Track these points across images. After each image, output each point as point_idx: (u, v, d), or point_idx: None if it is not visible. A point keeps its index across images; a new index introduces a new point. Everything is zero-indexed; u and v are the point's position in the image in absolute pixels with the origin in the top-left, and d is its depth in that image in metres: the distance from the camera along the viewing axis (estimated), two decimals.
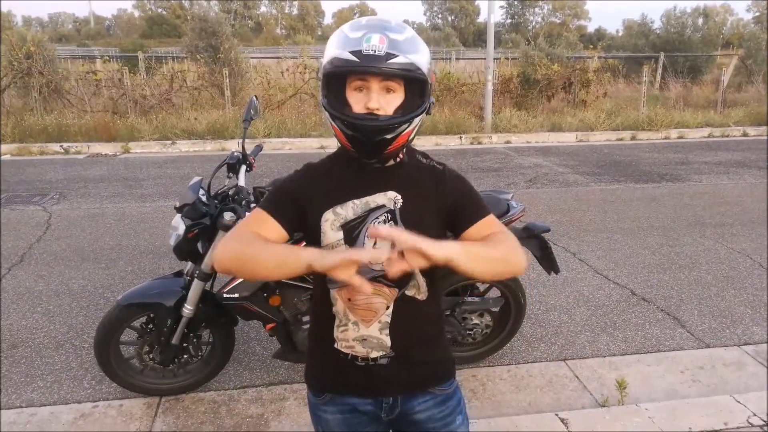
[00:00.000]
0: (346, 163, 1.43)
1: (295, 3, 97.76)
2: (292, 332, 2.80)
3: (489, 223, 1.45)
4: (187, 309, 2.76)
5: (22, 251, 5.08)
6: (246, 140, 3.04)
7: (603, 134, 11.83)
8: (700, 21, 19.68)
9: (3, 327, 3.72)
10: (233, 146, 10.00)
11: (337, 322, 1.45)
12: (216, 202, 2.75)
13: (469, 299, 3.19)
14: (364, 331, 1.42)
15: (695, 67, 17.40)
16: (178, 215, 2.70)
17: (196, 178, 2.81)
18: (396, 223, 1.39)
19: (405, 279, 1.39)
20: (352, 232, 1.38)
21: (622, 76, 17.21)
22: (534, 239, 3.18)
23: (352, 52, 1.27)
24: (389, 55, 1.27)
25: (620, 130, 12.03)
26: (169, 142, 10.43)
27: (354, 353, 1.44)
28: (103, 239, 5.42)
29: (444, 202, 1.44)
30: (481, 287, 3.31)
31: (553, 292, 4.30)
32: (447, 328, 3.14)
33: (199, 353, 3.00)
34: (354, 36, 1.29)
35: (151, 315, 2.87)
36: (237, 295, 2.71)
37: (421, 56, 1.32)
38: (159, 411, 2.92)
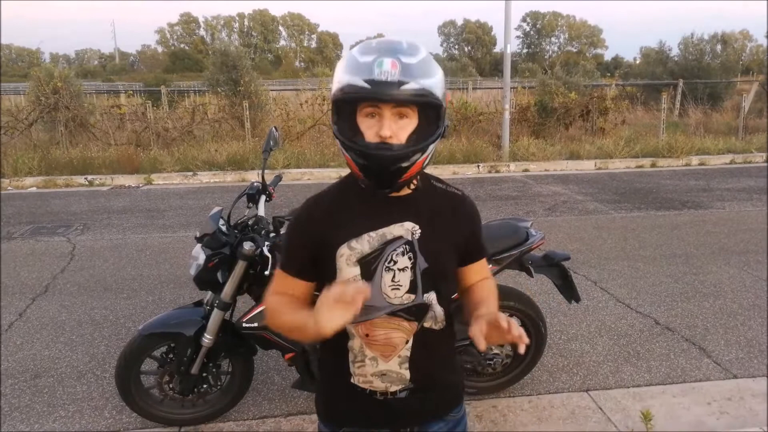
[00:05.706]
0: (358, 192, 1.37)
1: (314, 36, 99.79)
2: (310, 362, 2.79)
3: (484, 264, 1.50)
4: (207, 338, 2.76)
5: (47, 282, 5.16)
6: (266, 171, 3.08)
7: (622, 162, 11.78)
8: (719, 48, 19.65)
9: (27, 357, 3.77)
10: (253, 177, 10.12)
11: (352, 357, 1.40)
12: (236, 232, 2.78)
13: None
14: (383, 366, 1.38)
15: (715, 94, 17.30)
16: (199, 245, 2.73)
17: (216, 209, 2.85)
18: (414, 255, 1.34)
19: (423, 312, 1.36)
20: (368, 267, 1.33)
21: (640, 104, 17.18)
22: (554, 267, 3.16)
23: (364, 79, 1.20)
24: (402, 82, 1.20)
25: (640, 157, 11.97)
26: (191, 173, 10.61)
27: (372, 388, 1.40)
28: (125, 269, 5.49)
29: (461, 233, 1.42)
30: None
31: (575, 321, 4.24)
32: (467, 359, 3.11)
33: (219, 383, 3.00)
34: (365, 60, 1.22)
35: (172, 345, 2.88)
36: (256, 324, 2.72)
37: (434, 80, 1.24)
38: None
